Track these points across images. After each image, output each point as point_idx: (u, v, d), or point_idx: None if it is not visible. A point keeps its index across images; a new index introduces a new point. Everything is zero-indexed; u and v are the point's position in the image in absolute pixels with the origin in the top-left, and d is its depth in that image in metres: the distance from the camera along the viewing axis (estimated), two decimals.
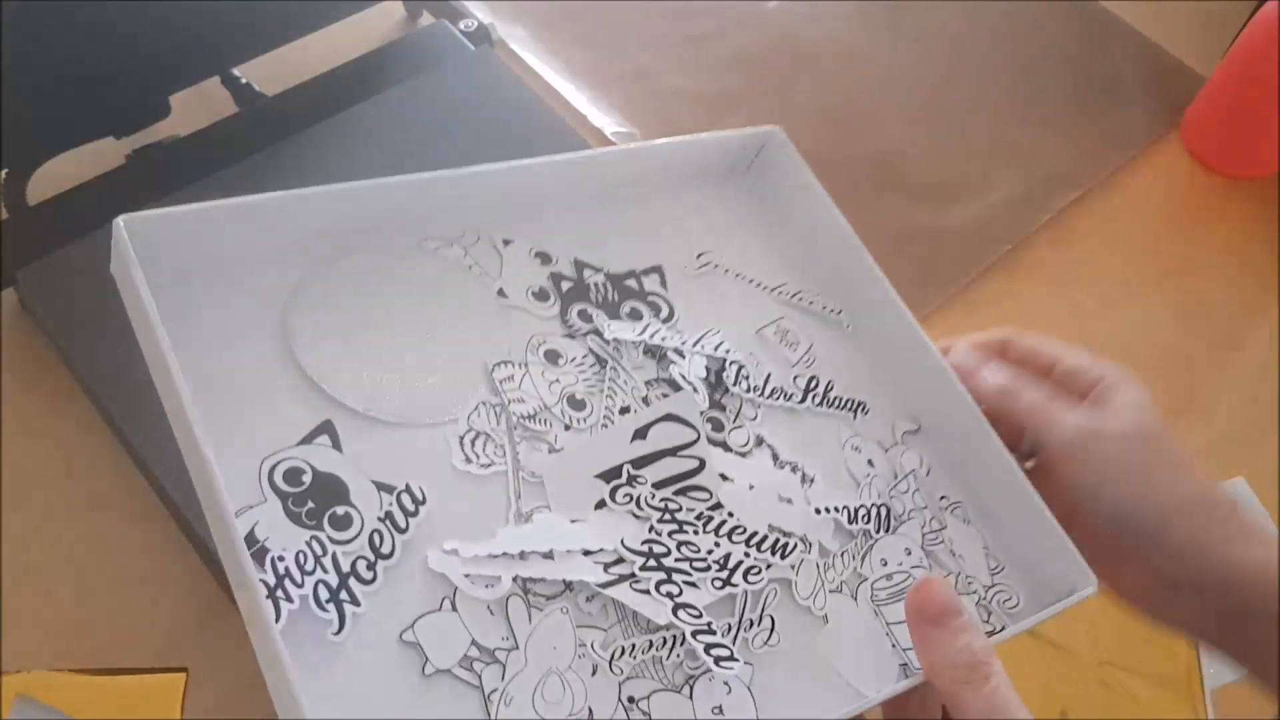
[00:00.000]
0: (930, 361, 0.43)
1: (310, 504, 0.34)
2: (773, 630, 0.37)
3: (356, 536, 0.34)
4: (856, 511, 0.41)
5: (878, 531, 0.41)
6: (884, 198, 0.67)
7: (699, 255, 0.46)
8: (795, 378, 0.44)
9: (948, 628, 0.35)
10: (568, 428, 0.39)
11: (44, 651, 0.47)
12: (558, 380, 0.40)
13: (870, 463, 0.42)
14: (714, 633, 0.36)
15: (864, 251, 0.45)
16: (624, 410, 0.40)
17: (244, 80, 0.64)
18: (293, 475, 0.35)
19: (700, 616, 0.36)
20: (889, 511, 0.41)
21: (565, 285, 0.43)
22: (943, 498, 0.43)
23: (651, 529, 0.37)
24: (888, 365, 0.45)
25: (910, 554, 0.40)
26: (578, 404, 0.40)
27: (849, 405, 0.44)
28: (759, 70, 0.72)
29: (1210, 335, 0.64)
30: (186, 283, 0.37)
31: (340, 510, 0.35)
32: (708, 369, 0.42)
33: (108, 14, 0.51)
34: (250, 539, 0.33)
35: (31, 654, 0.47)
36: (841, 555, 0.40)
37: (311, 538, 0.34)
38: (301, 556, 0.33)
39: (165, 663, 0.46)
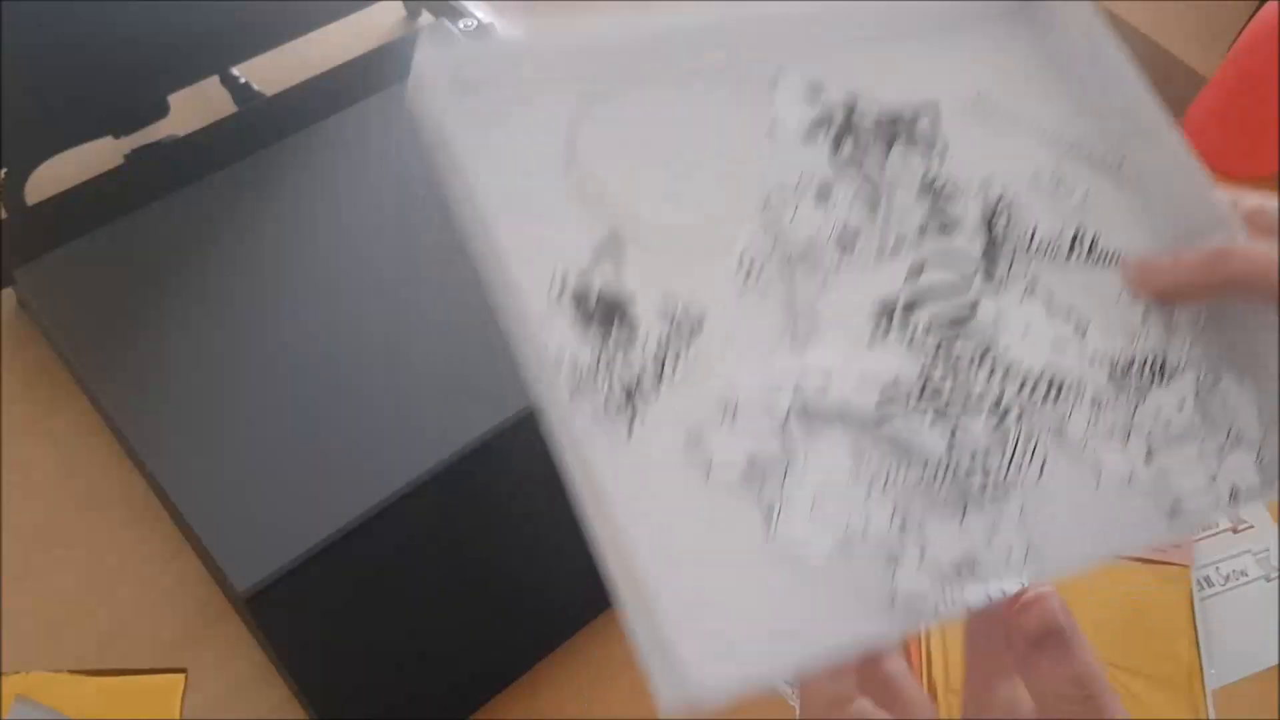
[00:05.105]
0: (1211, 212, 0.41)
1: (596, 322, 0.37)
2: (1042, 473, 0.38)
3: (641, 349, 0.36)
4: (1131, 362, 0.41)
5: (1153, 383, 0.41)
6: None
7: (976, 96, 0.45)
8: (1062, 230, 0.43)
9: (1048, 652, 0.34)
10: (839, 264, 0.40)
11: (44, 651, 0.47)
12: (827, 217, 0.41)
13: (1145, 315, 0.42)
14: (986, 472, 0.37)
15: (1150, 97, 0.44)
16: (895, 251, 0.41)
17: (243, 80, 0.64)
18: (581, 295, 0.37)
19: (974, 456, 0.38)
20: (1164, 363, 0.41)
21: (836, 123, 0.43)
22: (1218, 352, 0.42)
23: (923, 367, 0.39)
24: (1168, 217, 0.44)
25: (1183, 409, 0.41)
26: (849, 240, 0.41)
27: (1116, 258, 0.43)
28: None
29: None
30: (477, 104, 0.39)
31: (624, 329, 0.37)
32: (981, 214, 0.43)
33: (107, 13, 0.51)
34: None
35: (31, 654, 0.47)
36: (1115, 403, 0.40)
37: (600, 352, 0.36)
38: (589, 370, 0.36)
39: (165, 663, 0.46)
